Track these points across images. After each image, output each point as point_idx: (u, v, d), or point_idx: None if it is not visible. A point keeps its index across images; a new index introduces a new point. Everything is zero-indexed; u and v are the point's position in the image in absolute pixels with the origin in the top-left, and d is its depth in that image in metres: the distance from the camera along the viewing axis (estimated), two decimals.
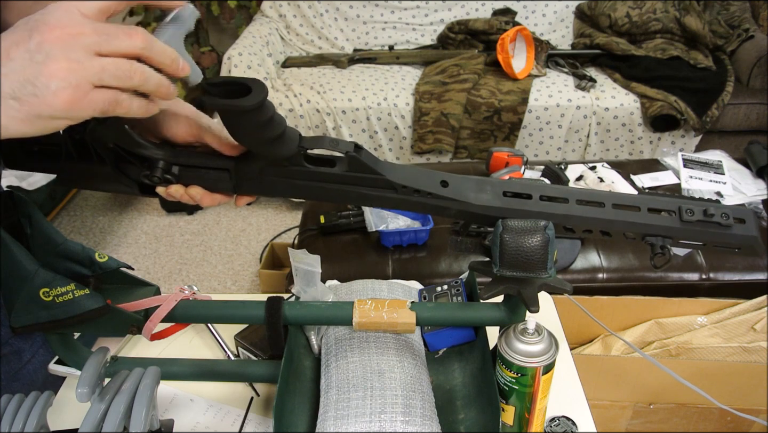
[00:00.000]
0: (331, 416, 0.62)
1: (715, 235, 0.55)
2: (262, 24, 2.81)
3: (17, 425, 0.57)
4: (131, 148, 0.54)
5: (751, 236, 0.54)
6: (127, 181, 0.57)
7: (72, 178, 0.58)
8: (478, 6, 2.86)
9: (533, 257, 0.54)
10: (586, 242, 1.58)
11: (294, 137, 0.53)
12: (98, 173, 0.57)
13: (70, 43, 0.40)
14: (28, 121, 0.41)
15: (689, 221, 0.54)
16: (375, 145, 2.50)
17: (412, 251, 1.58)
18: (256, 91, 0.47)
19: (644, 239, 0.56)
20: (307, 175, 0.56)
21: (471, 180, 0.57)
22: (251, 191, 0.58)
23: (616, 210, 0.56)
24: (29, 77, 0.40)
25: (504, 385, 0.64)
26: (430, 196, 0.56)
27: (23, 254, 0.57)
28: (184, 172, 0.57)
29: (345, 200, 0.58)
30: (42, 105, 0.40)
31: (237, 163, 0.56)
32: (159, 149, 0.55)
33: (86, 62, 0.41)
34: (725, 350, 1.37)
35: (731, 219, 0.54)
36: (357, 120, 2.45)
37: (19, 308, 0.57)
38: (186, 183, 0.57)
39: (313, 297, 0.75)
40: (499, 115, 2.38)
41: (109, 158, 0.56)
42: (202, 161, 0.57)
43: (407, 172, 0.57)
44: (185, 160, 0.56)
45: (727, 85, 2.41)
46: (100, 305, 0.59)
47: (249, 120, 0.48)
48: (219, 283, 2.29)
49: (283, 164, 0.55)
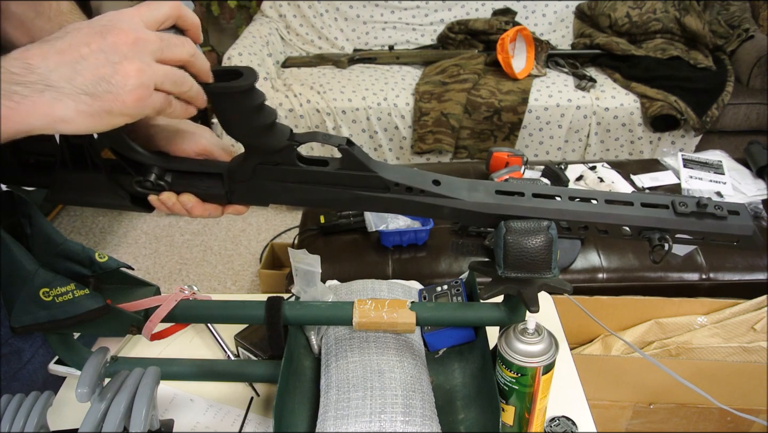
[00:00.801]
0: (331, 416, 0.62)
1: (711, 226, 0.55)
2: (262, 24, 2.81)
3: (17, 425, 0.57)
4: (126, 152, 0.54)
5: (747, 226, 0.54)
6: (119, 192, 0.57)
7: (65, 189, 0.58)
8: (478, 6, 2.86)
9: (537, 258, 0.54)
10: (586, 242, 1.58)
11: (285, 131, 0.53)
12: (92, 183, 0.57)
13: (141, 47, 0.44)
14: (97, 116, 0.43)
15: (683, 213, 0.55)
16: (375, 145, 2.50)
17: (412, 251, 1.58)
18: (246, 75, 0.48)
19: (641, 234, 0.56)
20: (299, 176, 0.55)
21: (463, 180, 0.58)
22: (243, 198, 0.58)
23: (608, 205, 0.56)
24: (104, 75, 0.42)
25: (504, 385, 0.64)
26: (423, 194, 0.56)
27: (23, 254, 0.58)
28: (177, 180, 0.57)
29: (338, 204, 0.57)
30: (116, 101, 0.43)
31: (230, 166, 0.56)
32: (153, 155, 0.56)
33: (153, 66, 0.44)
34: (725, 350, 1.37)
35: (725, 211, 0.55)
36: (357, 120, 2.45)
37: (19, 308, 0.58)
38: (178, 190, 0.57)
39: (313, 297, 0.75)
40: (499, 115, 2.38)
41: (104, 166, 0.56)
42: (195, 167, 0.57)
43: (399, 171, 0.56)
44: (178, 166, 0.57)
45: (727, 85, 2.41)
46: (100, 305, 0.59)
47: (239, 104, 0.49)
48: (219, 283, 2.29)
49: (275, 162, 0.55)
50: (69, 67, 0.42)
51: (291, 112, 2.44)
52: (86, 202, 0.59)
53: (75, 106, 0.42)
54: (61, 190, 0.58)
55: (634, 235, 0.56)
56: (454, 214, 0.57)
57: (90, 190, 0.58)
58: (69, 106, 0.42)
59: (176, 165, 0.57)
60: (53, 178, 0.57)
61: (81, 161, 0.56)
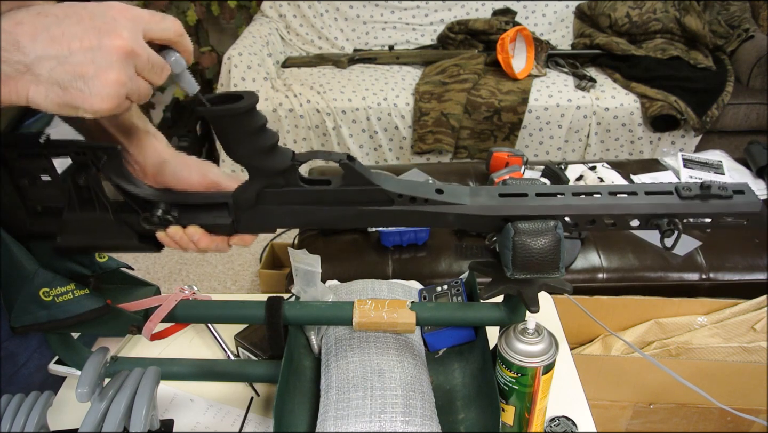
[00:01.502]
0: (331, 416, 0.62)
1: (717, 206, 0.54)
2: (262, 24, 2.81)
3: (17, 425, 0.57)
4: (132, 189, 0.56)
5: (755, 203, 0.54)
6: (127, 231, 0.58)
7: (73, 232, 0.59)
8: (478, 6, 2.86)
9: (546, 258, 0.54)
10: (586, 242, 1.58)
11: (287, 152, 0.54)
12: (99, 223, 0.58)
13: (129, 59, 0.44)
14: (63, 107, 0.44)
15: (688, 196, 0.55)
16: (375, 145, 2.50)
17: (412, 251, 1.58)
18: (246, 97, 0.49)
19: (649, 222, 0.56)
20: (303, 197, 0.56)
21: (465, 187, 0.58)
22: (250, 227, 0.58)
23: (613, 197, 0.56)
24: (85, 74, 0.43)
25: (504, 385, 0.64)
26: (427, 203, 0.56)
27: (23, 253, 0.58)
28: (183, 213, 0.58)
29: (344, 222, 0.57)
30: (85, 102, 0.43)
31: (235, 194, 0.57)
32: (158, 191, 0.58)
33: (134, 80, 0.45)
34: (725, 350, 1.37)
35: (730, 191, 0.55)
36: (357, 120, 2.45)
37: (19, 308, 0.58)
38: (185, 224, 0.58)
39: (313, 297, 0.75)
40: (499, 115, 2.38)
41: (111, 205, 0.57)
42: (201, 199, 0.58)
43: (401, 182, 0.57)
44: (184, 199, 0.58)
45: (727, 85, 2.41)
46: (100, 305, 0.59)
47: (241, 126, 0.50)
48: (219, 283, 2.29)
49: (279, 184, 0.55)
50: (54, 58, 0.42)
51: (291, 112, 2.44)
52: (95, 245, 0.60)
53: (46, 93, 0.43)
54: (70, 234, 0.59)
55: (643, 224, 0.56)
56: (459, 221, 0.57)
57: (98, 232, 0.59)
58: (40, 92, 0.43)
59: (182, 198, 0.58)
60: (61, 222, 0.58)
61: (88, 202, 0.58)
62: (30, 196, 0.58)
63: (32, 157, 0.55)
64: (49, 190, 0.57)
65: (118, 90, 0.44)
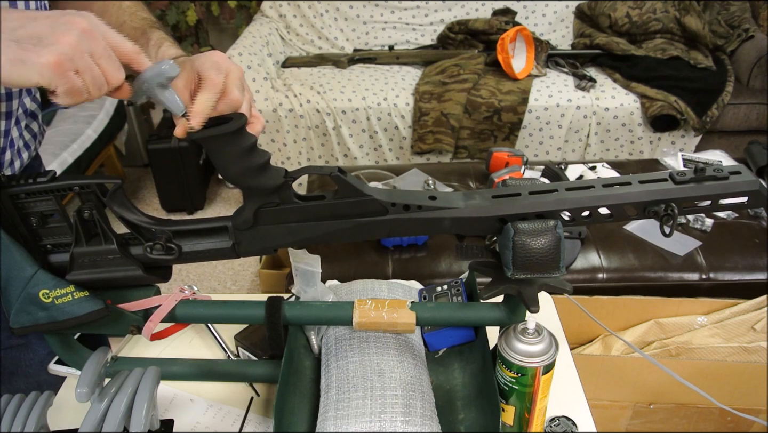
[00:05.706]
0: (331, 416, 0.62)
1: (714, 188, 0.54)
2: (262, 24, 2.81)
3: (17, 425, 0.57)
4: (134, 218, 0.57)
5: (752, 181, 0.54)
6: (132, 262, 0.60)
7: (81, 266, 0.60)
8: (478, 6, 2.86)
9: (546, 258, 0.54)
10: (586, 242, 1.58)
11: (279, 170, 0.55)
12: (106, 255, 0.59)
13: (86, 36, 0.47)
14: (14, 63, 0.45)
15: (683, 181, 0.54)
16: (375, 145, 2.50)
17: (412, 251, 1.58)
18: (235, 118, 0.51)
19: (646, 210, 0.55)
20: (299, 213, 0.57)
21: (458, 192, 0.59)
22: (250, 249, 0.60)
23: (607, 189, 0.56)
24: (41, 35, 0.46)
25: (504, 385, 0.64)
26: (421, 210, 0.57)
27: (23, 254, 0.58)
28: (184, 240, 0.59)
29: (342, 236, 0.58)
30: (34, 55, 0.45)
31: (233, 216, 0.58)
32: (160, 220, 0.59)
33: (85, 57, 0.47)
34: (725, 350, 1.37)
35: (725, 172, 0.54)
36: (357, 120, 2.45)
37: (19, 309, 0.58)
38: (189, 250, 0.59)
39: (313, 297, 0.75)
40: (499, 115, 2.38)
41: (115, 237, 0.59)
42: (201, 225, 0.59)
43: (394, 192, 0.58)
44: (185, 227, 0.59)
45: (727, 85, 2.41)
46: (100, 307, 0.60)
47: (232, 146, 0.51)
48: (219, 283, 2.29)
49: (274, 203, 0.56)
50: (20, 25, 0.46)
51: (291, 112, 2.44)
52: (103, 279, 0.61)
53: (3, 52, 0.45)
54: (78, 269, 0.60)
55: (640, 213, 0.56)
56: (454, 225, 0.57)
57: (105, 264, 0.60)
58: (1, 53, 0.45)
59: (183, 226, 0.59)
60: (70, 257, 0.59)
61: (94, 236, 0.59)
62: (40, 235, 0.60)
63: (39, 195, 0.56)
64: (57, 228, 0.59)
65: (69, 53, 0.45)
